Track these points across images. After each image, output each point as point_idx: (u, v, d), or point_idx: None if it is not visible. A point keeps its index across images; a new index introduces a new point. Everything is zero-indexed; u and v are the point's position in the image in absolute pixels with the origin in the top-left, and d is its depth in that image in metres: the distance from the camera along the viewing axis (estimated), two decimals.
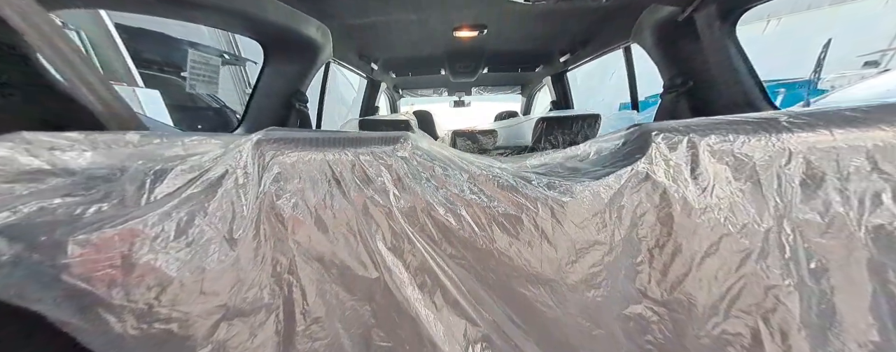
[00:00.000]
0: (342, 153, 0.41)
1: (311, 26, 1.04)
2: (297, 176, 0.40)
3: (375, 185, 0.41)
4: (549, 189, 0.40)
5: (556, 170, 0.46)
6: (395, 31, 1.36)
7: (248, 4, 0.80)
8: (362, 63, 1.73)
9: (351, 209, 0.40)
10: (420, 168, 0.42)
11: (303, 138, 0.41)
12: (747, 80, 0.81)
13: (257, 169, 0.39)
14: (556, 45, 1.62)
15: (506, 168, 0.48)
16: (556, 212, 0.39)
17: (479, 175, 0.43)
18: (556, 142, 1.29)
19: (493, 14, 1.18)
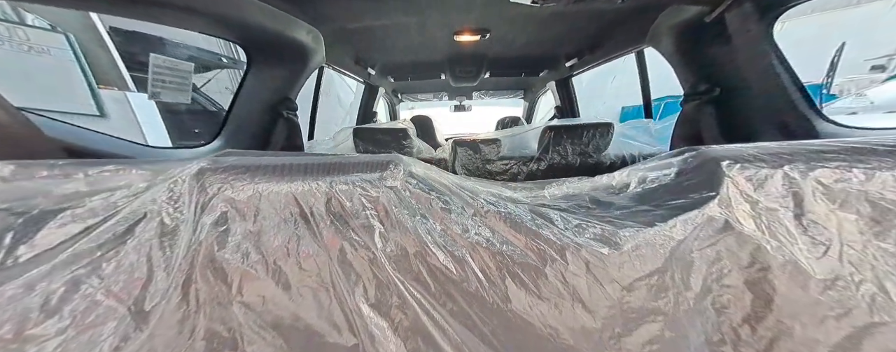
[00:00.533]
0: (314, 183, 0.32)
1: (300, 29, 0.96)
2: (252, 215, 0.30)
3: (357, 223, 0.32)
4: (581, 234, 0.30)
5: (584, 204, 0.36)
6: (392, 35, 1.28)
7: (227, 6, 0.71)
8: (359, 68, 1.65)
9: (323, 256, 0.31)
10: (414, 201, 0.33)
11: (263, 165, 0.32)
12: (790, 86, 0.71)
13: (194, 209, 0.29)
14: (563, 49, 1.54)
15: (520, 199, 0.38)
16: (592, 266, 0.29)
17: (488, 211, 0.33)
18: (564, 152, 1.19)
19: (496, 17, 1.10)
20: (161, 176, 0.31)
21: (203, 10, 0.69)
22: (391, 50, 1.50)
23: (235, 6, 0.73)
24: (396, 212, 0.32)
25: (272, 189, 0.31)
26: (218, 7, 0.70)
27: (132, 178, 0.31)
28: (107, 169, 0.31)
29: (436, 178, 0.38)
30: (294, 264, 0.31)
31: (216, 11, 0.71)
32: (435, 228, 0.32)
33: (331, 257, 0.31)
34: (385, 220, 0.32)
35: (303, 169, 0.33)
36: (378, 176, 0.33)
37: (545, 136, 1.19)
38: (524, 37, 1.34)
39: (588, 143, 1.17)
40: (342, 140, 1.43)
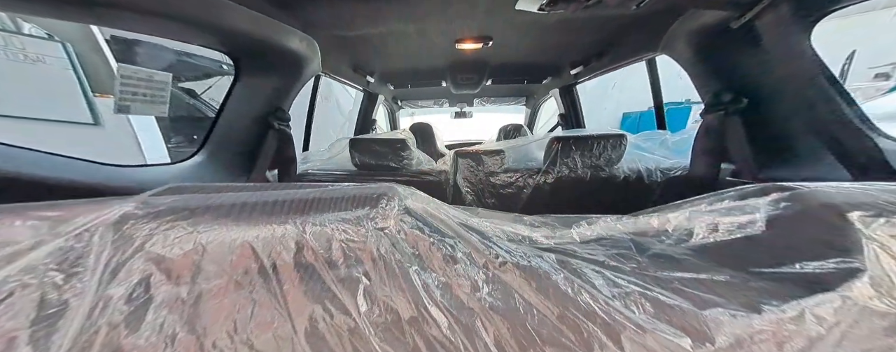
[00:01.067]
0: (280, 227, 0.24)
1: (293, 37, 0.90)
2: (187, 278, 0.23)
3: (334, 278, 0.24)
4: (637, 308, 0.22)
5: (630, 254, 0.28)
6: (391, 43, 1.22)
7: (210, 14, 0.65)
8: (357, 75, 1.60)
9: (287, 328, 0.23)
10: (410, 246, 0.26)
11: (213, 205, 0.25)
12: (835, 96, 0.62)
13: (99, 276, 0.21)
14: (568, 56, 1.48)
15: (541, 241, 0.30)
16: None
17: (505, 262, 0.26)
18: (573, 165, 1.12)
19: (500, 24, 1.05)
20: (62, 226, 0.22)
21: (184, 17, 0.63)
22: (390, 57, 1.45)
23: (219, 13, 0.66)
24: (387, 262, 0.25)
25: (221, 238, 0.23)
26: (200, 14, 0.63)
27: (14, 232, 0.22)
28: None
29: (437, 214, 0.30)
30: (243, 344, 0.22)
31: (199, 19, 0.64)
32: (436, 284, 0.25)
33: (296, 330, 0.23)
34: (372, 272, 0.25)
35: (267, 208, 0.25)
36: (365, 214, 0.26)
37: (552, 147, 1.12)
38: (528, 44, 1.29)
39: (599, 155, 1.09)
40: (338, 151, 1.36)
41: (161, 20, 0.62)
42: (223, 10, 0.66)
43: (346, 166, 1.26)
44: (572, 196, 1.13)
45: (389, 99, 2.70)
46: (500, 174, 1.19)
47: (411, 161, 1.24)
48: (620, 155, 1.09)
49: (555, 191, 1.13)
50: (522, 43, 1.27)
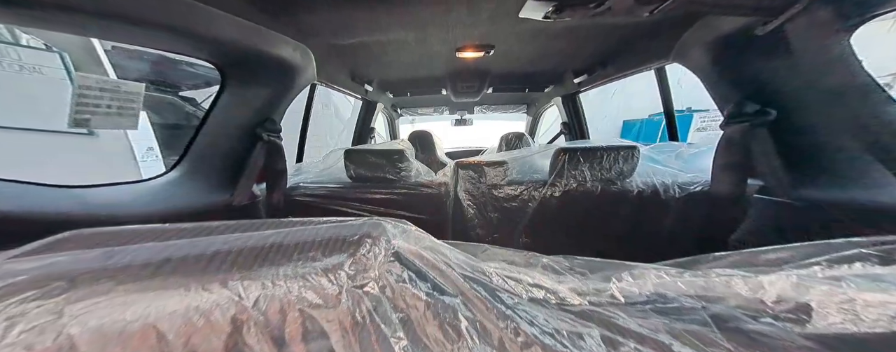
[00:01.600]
0: (209, 294, 0.17)
1: (286, 46, 0.85)
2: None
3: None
4: None
5: (701, 331, 0.20)
6: (390, 51, 1.18)
7: (194, 22, 0.60)
8: (355, 84, 1.56)
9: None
10: (397, 311, 0.19)
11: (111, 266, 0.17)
12: (881, 104, 0.55)
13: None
14: (572, 64, 1.44)
15: (570, 302, 0.23)
16: None
17: (530, 344, 0.19)
18: (581, 178, 1.05)
19: (502, 33, 1.00)
20: None
21: (162, 25, 0.57)
22: (389, 66, 1.41)
23: (205, 22, 0.61)
24: (365, 334, 0.18)
25: (108, 322, 0.15)
26: (180, 23, 0.58)
27: None
28: None
29: (436, 262, 0.22)
30: None
31: (178, 27, 0.59)
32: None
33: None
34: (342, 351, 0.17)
35: (197, 264, 0.17)
36: (340, 264, 0.19)
37: (559, 159, 1.05)
38: (531, 52, 1.25)
39: (610, 168, 1.02)
40: (332, 163, 1.30)
41: (137, 29, 0.57)
42: (206, 18, 0.61)
43: (341, 178, 1.20)
44: (582, 211, 1.06)
45: (388, 107, 2.67)
46: (504, 187, 1.12)
47: (409, 172, 1.18)
48: (633, 168, 1.02)
49: (563, 205, 1.06)
50: (525, 51, 1.23)
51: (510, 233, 1.13)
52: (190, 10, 0.57)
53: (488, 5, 0.77)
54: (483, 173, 1.13)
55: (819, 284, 0.18)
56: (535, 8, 0.69)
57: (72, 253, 0.18)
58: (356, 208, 1.13)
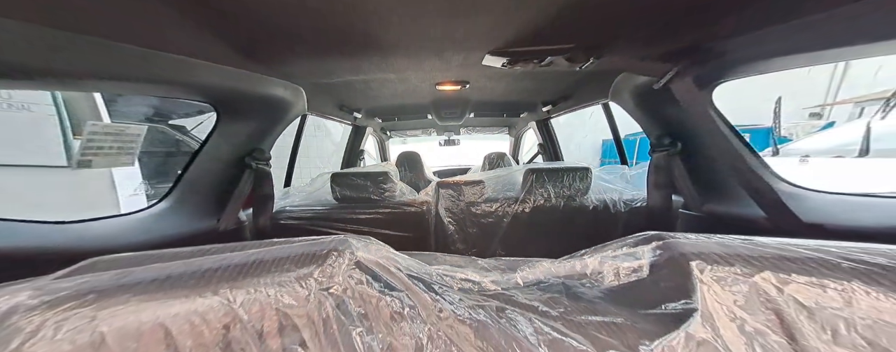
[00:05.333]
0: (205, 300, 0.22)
1: (277, 87, 0.95)
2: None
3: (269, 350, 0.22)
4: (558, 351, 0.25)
5: (559, 298, 0.32)
6: (375, 87, 1.32)
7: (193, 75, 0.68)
8: (343, 113, 1.69)
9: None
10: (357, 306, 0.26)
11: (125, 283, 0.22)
12: (739, 147, 0.76)
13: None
14: (539, 97, 1.66)
15: (488, 288, 0.33)
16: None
17: (448, 316, 0.27)
18: (546, 195, 1.19)
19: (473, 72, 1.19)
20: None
21: (168, 80, 0.65)
22: (375, 98, 1.54)
23: (201, 73, 0.69)
24: (329, 326, 0.24)
25: (127, 322, 0.20)
26: (181, 76, 0.66)
27: None
28: None
29: (389, 267, 0.30)
30: None
31: (181, 80, 0.68)
32: (380, 347, 0.25)
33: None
34: (311, 341, 0.23)
35: (194, 279, 0.23)
36: (310, 273, 0.25)
37: (527, 178, 1.20)
38: (502, 87, 1.45)
39: (569, 186, 1.18)
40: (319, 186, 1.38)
41: (140, 84, 0.64)
42: (203, 70, 0.69)
43: (327, 201, 1.28)
44: (548, 223, 1.18)
45: (377, 130, 2.81)
46: (481, 204, 1.24)
47: (393, 193, 1.28)
48: (588, 186, 1.18)
49: (532, 219, 1.18)
50: (498, 86, 1.42)
51: (488, 246, 1.22)
52: (188, 64, 0.65)
53: (457, 56, 0.94)
54: (462, 192, 1.25)
55: (609, 260, 0.32)
56: (494, 60, 0.88)
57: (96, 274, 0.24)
58: (341, 228, 1.18)
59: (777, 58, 0.61)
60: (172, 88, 0.72)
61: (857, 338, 0.20)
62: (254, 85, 0.87)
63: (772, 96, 3.23)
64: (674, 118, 0.90)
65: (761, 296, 0.23)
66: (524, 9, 0.51)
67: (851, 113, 4.48)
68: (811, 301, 0.21)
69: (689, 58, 0.70)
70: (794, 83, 5.27)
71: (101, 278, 0.23)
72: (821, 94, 5.56)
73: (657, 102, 0.90)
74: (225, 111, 0.93)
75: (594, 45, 0.75)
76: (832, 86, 5.56)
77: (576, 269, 0.34)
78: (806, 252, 0.24)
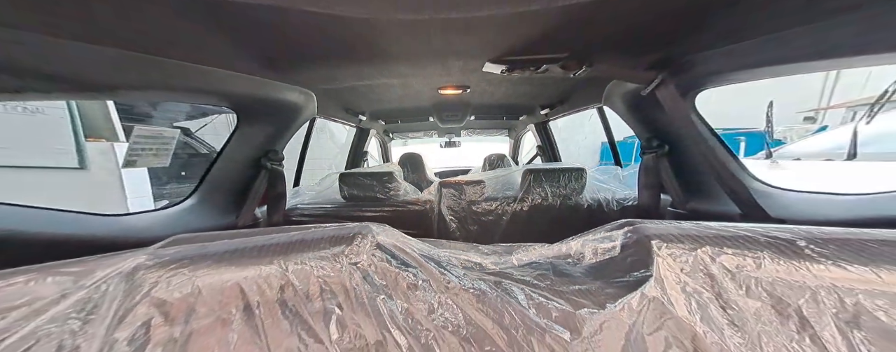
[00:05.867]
0: (266, 267, 0.29)
1: (292, 92, 1.03)
2: (183, 318, 0.27)
3: (311, 310, 0.28)
4: (543, 313, 0.30)
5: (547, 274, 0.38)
6: (379, 91, 1.39)
7: (219, 84, 0.77)
8: (349, 115, 1.77)
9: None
10: (379, 278, 0.32)
11: (209, 253, 0.30)
12: (719, 150, 0.84)
13: (109, 322, 0.25)
14: (537, 100, 1.73)
15: (488, 266, 0.39)
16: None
17: (456, 287, 0.33)
18: (544, 194, 1.26)
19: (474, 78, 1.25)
20: (84, 279, 0.27)
21: (196, 89, 0.74)
22: (379, 101, 1.62)
23: (226, 83, 0.77)
24: (358, 292, 0.30)
25: (214, 281, 0.28)
26: (207, 86, 0.75)
27: (43, 289, 0.26)
28: (19, 279, 0.26)
29: (404, 247, 0.37)
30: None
31: (209, 89, 0.76)
32: (399, 310, 0.30)
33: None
34: (345, 303, 0.29)
35: (256, 252, 0.30)
36: (341, 251, 0.31)
37: (525, 178, 1.26)
38: (501, 91, 1.52)
39: (565, 185, 1.24)
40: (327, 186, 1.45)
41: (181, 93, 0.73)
42: (228, 79, 0.77)
43: (335, 199, 1.34)
44: (545, 221, 1.24)
45: (381, 132, 2.89)
46: (481, 203, 1.30)
47: (398, 192, 1.34)
48: (583, 186, 1.25)
49: (530, 218, 1.24)
50: (498, 91, 1.50)
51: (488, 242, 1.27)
52: (218, 75, 0.73)
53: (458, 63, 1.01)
54: (463, 191, 1.32)
55: (589, 243, 0.38)
56: (493, 68, 0.95)
57: (183, 246, 0.31)
58: None
59: (748, 70, 0.68)
60: (203, 96, 0.81)
61: (762, 292, 0.27)
62: (271, 91, 0.94)
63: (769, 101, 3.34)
64: (660, 122, 0.97)
65: (700, 264, 0.29)
66: (520, 24, 0.58)
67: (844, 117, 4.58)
68: (734, 267, 0.28)
69: (671, 68, 0.77)
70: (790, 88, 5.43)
71: (189, 249, 0.31)
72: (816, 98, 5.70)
73: (645, 107, 0.97)
74: (245, 116, 1.01)
75: (585, 54, 0.82)
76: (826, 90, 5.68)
77: (562, 251, 0.40)
78: (738, 232, 0.31)
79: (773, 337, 0.25)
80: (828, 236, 0.29)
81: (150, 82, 0.62)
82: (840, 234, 0.30)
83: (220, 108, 1.45)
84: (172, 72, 0.62)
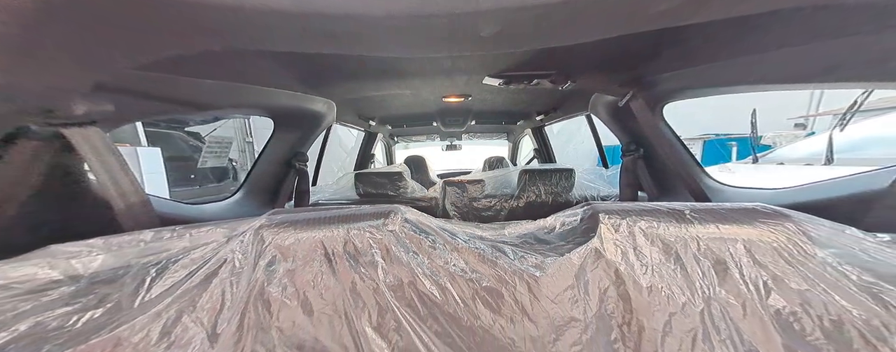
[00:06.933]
0: (335, 230, 0.44)
1: (318, 102, 1.21)
2: (292, 257, 0.42)
3: (364, 260, 0.43)
4: (523, 262, 0.45)
5: (529, 241, 0.53)
6: (390, 99, 1.56)
7: (263, 97, 0.96)
8: (361, 121, 1.94)
9: (339, 287, 0.42)
10: (408, 241, 0.46)
11: (301, 220, 0.45)
12: (683, 154, 1.02)
13: (254, 254, 0.42)
14: (533, 107, 1.89)
15: (487, 238, 0.54)
16: (531, 287, 0.43)
17: (463, 247, 0.48)
18: (538, 192, 1.40)
19: (475, 87, 1.42)
20: (235, 232, 0.44)
21: (248, 104, 0.95)
22: (389, 108, 1.79)
23: (267, 97, 0.96)
24: (394, 250, 0.44)
25: (306, 237, 0.43)
26: (256, 101, 0.95)
27: (217, 235, 0.44)
28: (203, 229, 0.45)
29: (425, 222, 0.52)
30: (317, 294, 0.41)
31: (257, 103, 0.97)
32: (423, 262, 0.44)
33: (344, 289, 0.42)
34: (386, 257, 0.44)
35: (328, 220, 0.46)
36: (381, 222, 0.46)
37: (522, 177, 1.41)
38: (500, 99, 1.68)
39: (556, 184, 1.39)
40: (344, 184, 1.61)
41: (238, 109, 0.95)
42: (268, 95, 0.96)
43: (351, 196, 1.50)
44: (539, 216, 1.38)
45: (386, 136, 3.05)
46: (482, 199, 1.44)
47: (406, 189, 1.49)
48: (572, 184, 1.40)
49: (526, 213, 1.39)
50: (496, 98, 1.66)
51: None
52: (264, 92, 0.92)
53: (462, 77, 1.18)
54: (465, 189, 1.46)
55: (559, 218, 0.53)
56: (492, 81, 1.11)
57: (281, 216, 0.47)
58: None
59: (700, 88, 0.85)
60: (256, 109, 1.01)
61: (658, 242, 0.42)
62: (301, 102, 1.12)
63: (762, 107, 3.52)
64: (636, 130, 1.13)
65: (629, 229, 0.44)
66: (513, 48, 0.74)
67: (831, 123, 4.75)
68: (646, 228, 0.43)
69: (640, 84, 0.93)
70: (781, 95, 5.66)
71: (287, 217, 0.46)
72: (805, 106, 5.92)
73: (623, 116, 1.13)
74: (280, 124, 1.20)
75: (570, 71, 0.98)
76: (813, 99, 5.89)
77: (541, 225, 0.55)
78: (655, 207, 0.45)
79: (660, 268, 0.40)
80: (702, 208, 0.44)
81: (229, 102, 0.85)
82: (710, 206, 0.45)
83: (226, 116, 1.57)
84: (242, 93, 0.84)
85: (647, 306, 0.40)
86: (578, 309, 0.42)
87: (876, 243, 0.39)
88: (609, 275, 0.42)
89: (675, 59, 0.79)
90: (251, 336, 0.39)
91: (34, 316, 0.34)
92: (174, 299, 0.38)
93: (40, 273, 0.37)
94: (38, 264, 0.38)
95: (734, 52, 0.66)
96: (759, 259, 0.39)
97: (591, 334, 0.41)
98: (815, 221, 0.42)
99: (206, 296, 0.39)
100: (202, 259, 0.41)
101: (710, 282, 0.39)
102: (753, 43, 0.61)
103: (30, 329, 0.33)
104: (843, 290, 0.36)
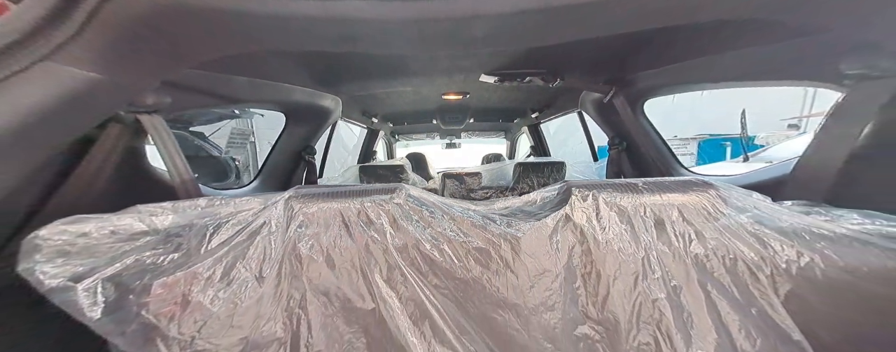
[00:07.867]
0: (351, 202, 0.53)
1: (326, 99, 1.31)
2: (316, 223, 0.51)
3: (375, 226, 0.52)
4: (508, 227, 0.55)
5: (515, 213, 0.62)
6: (392, 96, 1.66)
7: (279, 94, 1.06)
8: (364, 118, 2.03)
9: (354, 247, 0.51)
10: (411, 212, 0.54)
11: (322, 193, 0.54)
12: (660, 146, 1.13)
13: (286, 219, 0.51)
14: (528, 105, 1.99)
15: (479, 210, 0.63)
16: (514, 246, 0.52)
17: (458, 216, 0.58)
18: (531, 183, 1.50)
19: (473, 85, 1.51)
20: (269, 202, 0.53)
21: (265, 100, 1.06)
22: (391, 105, 1.89)
23: (284, 94, 1.07)
24: (400, 219, 0.53)
25: (327, 206, 0.52)
26: (273, 96, 1.06)
27: (255, 204, 0.54)
28: (244, 199, 0.54)
29: (426, 197, 0.61)
30: (337, 252, 0.51)
31: (274, 98, 1.07)
32: (425, 228, 0.53)
33: (359, 249, 0.51)
34: (393, 224, 0.52)
35: (345, 194, 0.55)
36: (389, 196, 0.54)
37: (516, 170, 1.51)
38: (497, 96, 1.78)
39: (548, 175, 1.49)
40: (349, 177, 1.71)
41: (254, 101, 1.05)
42: (289, 91, 1.07)
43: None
44: None
45: (387, 134, 3.15)
46: (479, 191, 1.54)
47: (407, 181, 1.59)
48: (563, 176, 1.49)
49: None
50: (493, 96, 1.75)
51: None
52: (280, 88, 1.02)
53: (460, 75, 1.28)
54: (463, 181, 1.56)
55: (542, 193, 0.62)
56: (488, 78, 1.21)
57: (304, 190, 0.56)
58: None
59: (676, 85, 0.94)
60: (272, 104, 1.13)
61: (616, 208, 0.51)
62: (311, 98, 1.22)
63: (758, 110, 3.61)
64: (619, 125, 1.23)
65: (595, 200, 0.53)
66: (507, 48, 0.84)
67: None
68: (609, 198, 0.52)
69: (620, 83, 1.03)
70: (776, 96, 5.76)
71: (310, 191, 0.55)
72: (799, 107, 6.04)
73: (608, 112, 1.23)
74: (291, 118, 1.31)
75: (559, 70, 1.08)
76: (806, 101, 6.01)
77: (527, 199, 0.64)
78: (617, 183, 0.55)
79: (615, 228, 0.50)
80: (654, 181, 0.54)
81: (254, 97, 0.98)
82: (659, 180, 0.55)
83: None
84: (264, 89, 0.96)
85: (604, 258, 0.49)
86: (551, 262, 0.51)
87: (770, 205, 0.50)
88: (576, 235, 0.51)
89: (651, 59, 0.89)
90: (287, 282, 0.48)
91: (134, 254, 0.45)
92: (230, 249, 0.47)
93: (135, 224, 0.48)
94: (132, 217, 0.48)
95: (695, 53, 0.76)
96: (686, 217, 0.49)
97: (560, 281, 0.50)
98: (731, 189, 0.52)
99: (252, 249, 0.48)
100: (246, 221, 0.51)
101: (650, 237, 0.49)
102: (711, 46, 0.72)
103: (134, 263, 0.44)
104: (740, 237, 0.47)
